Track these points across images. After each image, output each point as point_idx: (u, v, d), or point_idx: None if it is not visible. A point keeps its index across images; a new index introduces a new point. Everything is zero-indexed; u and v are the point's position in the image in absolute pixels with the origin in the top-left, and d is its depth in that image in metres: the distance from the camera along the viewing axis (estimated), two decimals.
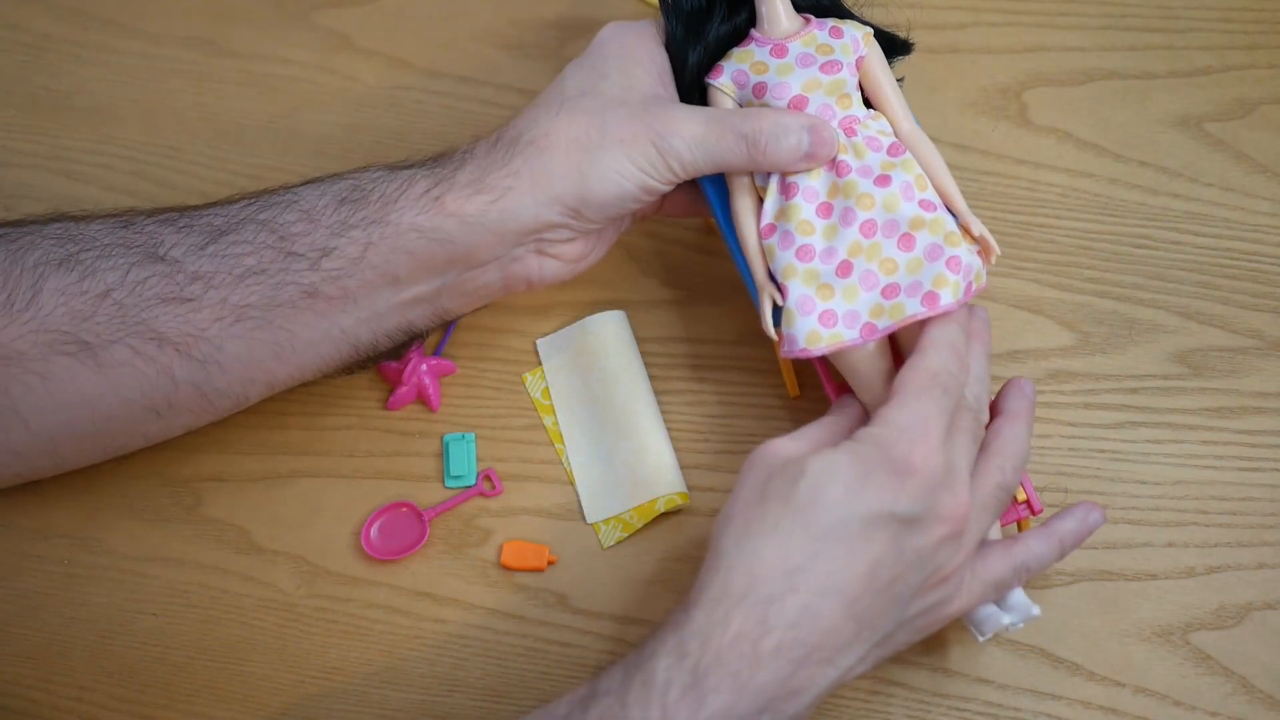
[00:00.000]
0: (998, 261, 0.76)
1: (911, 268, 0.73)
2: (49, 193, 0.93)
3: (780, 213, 0.75)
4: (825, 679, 0.67)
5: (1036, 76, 0.92)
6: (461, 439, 0.84)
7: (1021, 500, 0.75)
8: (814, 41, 0.77)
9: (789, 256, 0.74)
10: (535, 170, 0.74)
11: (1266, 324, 0.84)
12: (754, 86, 0.76)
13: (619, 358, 0.85)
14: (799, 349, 0.73)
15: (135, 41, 0.97)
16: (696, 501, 0.82)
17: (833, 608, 0.66)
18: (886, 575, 0.67)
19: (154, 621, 0.81)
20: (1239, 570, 0.78)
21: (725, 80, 0.77)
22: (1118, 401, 0.83)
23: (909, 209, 0.73)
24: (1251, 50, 0.92)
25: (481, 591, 0.81)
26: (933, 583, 0.69)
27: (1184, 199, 0.88)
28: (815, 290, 0.74)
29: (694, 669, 0.64)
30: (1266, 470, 0.81)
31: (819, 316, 0.73)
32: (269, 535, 0.82)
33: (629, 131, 0.73)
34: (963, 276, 0.73)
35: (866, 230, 0.74)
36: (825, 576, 0.66)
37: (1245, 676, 0.76)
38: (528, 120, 0.75)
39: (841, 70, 0.75)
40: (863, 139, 0.75)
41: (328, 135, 0.93)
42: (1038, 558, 0.72)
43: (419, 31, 0.96)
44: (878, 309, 0.73)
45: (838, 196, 0.74)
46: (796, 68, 0.76)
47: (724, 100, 0.77)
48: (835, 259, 0.74)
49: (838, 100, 0.75)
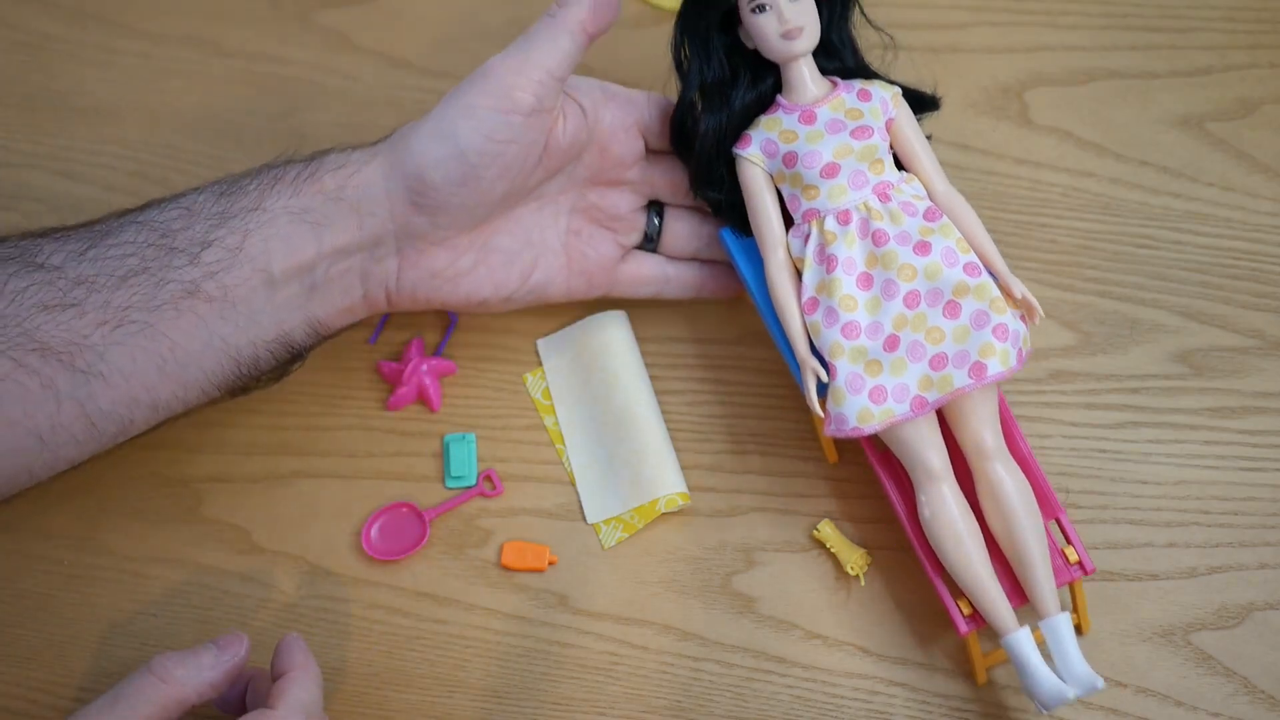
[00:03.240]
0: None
1: (958, 336, 0.72)
2: (49, 193, 0.93)
3: (821, 286, 0.74)
4: None
5: (1037, 76, 0.92)
6: (462, 439, 0.84)
7: (1074, 561, 0.74)
8: (843, 106, 0.76)
9: (834, 334, 0.73)
10: (393, 147, 0.76)
11: (1268, 324, 0.84)
12: (784, 156, 0.75)
13: (619, 358, 0.84)
14: (850, 428, 0.73)
15: (135, 41, 0.97)
16: (697, 502, 0.82)
17: None
18: None
19: (154, 622, 0.81)
20: (1241, 570, 0.78)
21: (754, 150, 0.76)
22: (1119, 401, 0.83)
23: (952, 275, 0.73)
24: (1253, 50, 0.91)
25: (482, 592, 0.81)
26: None
27: (1185, 199, 0.88)
28: (863, 367, 0.73)
29: None
30: (1268, 470, 0.81)
31: (869, 393, 0.73)
32: (269, 535, 0.82)
33: (474, 91, 0.75)
34: (1011, 343, 0.72)
35: (910, 301, 0.73)
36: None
37: (1247, 677, 0.76)
38: None
39: (873, 135, 0.75)
40: (898, 204, 0.74)
41: (327, 135, 0.93)
42: None
43: (419, 31, 0.96)
44: (926, 381, 0.72)
45: (877, 267, 0.74)
46: (826, 134, 0.75)
47: (754, 171, 0.76)
48: (881, 334, 0.73)
49: (870, 166, 0.75)
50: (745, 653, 0.78)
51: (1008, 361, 0.72)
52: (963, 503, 0.73)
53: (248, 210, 0.75)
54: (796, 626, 0.79)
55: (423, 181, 0.75)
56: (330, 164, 0.76)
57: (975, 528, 0.73)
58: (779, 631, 0.79)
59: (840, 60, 0.79)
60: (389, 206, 0.76)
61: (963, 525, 0.73)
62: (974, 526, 0.73)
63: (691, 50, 0.77)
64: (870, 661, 0.78)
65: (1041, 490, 0.75)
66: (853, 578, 0.79)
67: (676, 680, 0.78)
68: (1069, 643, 0.71)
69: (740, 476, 0.82)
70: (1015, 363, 0.73)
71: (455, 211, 0.77)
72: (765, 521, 0.81)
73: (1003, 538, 0.73)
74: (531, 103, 0.75)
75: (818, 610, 0.79)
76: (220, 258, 0.74)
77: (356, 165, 0.76)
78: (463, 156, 0.75)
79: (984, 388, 0.73)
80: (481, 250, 0.79)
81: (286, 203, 0.75)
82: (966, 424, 0.74)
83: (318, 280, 0.76)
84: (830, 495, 0.81)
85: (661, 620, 0.79)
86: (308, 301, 0.77)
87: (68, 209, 0.92)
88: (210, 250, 0.74)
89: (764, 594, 0.79)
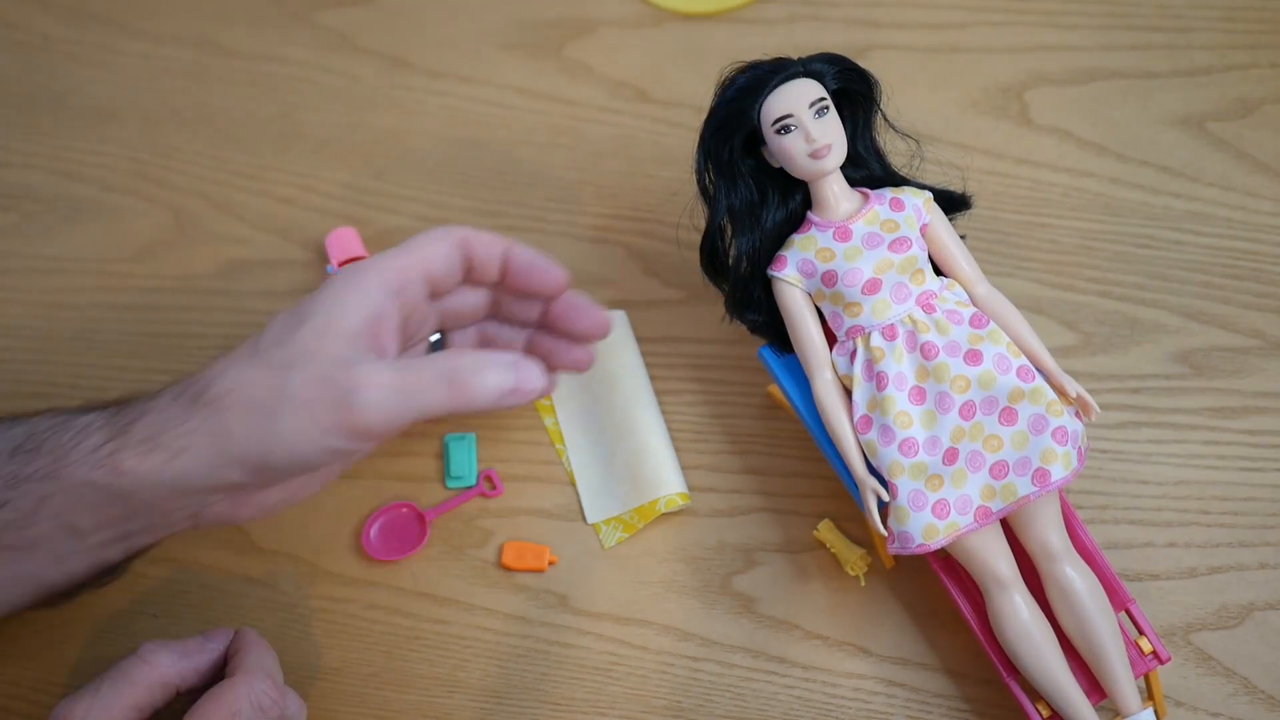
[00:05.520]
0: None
1: (1017, 443, 0.72)
2: (49, 193, 0.93)
3: (873, 404, 0.73)
4: None
5: (1038, 76, 0.92)
6: (462, 439, 0.84)
7: (1148, 652, 0.73)
8: (877, 219, 0.74)
9: (893, 453, 0.72)
10: (213, 430, 0.67)
11: (1268, 324, 0.84)
12: (823, 275, 0.73)
13: (619, 358, 0.84)
14: (915, 545, 0.72)
15: (135, 41, 0.97)
16: (697, 502, 0.82)
17: None
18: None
19: (154, 622, 0.81)
20: (1241, 570, 0.78)
21: (791, 271, 0.74)
22: (1119, 401, 0.83)
23: (1006, 382, 0.72)
24: (1253, 49, 0.91)
25: (482, 592, 0.81)
26: None
27: (1185, 199, 0.88)
28: (924, 483, 0.72)
29: None
30: (1268, 470, 0.81)
31: (932, 509, 0.72)
32: (269, 535, 0.82)
33: (312, 392, 0.67)
34: (1071, 444, 0.72)
35: (966, 412, 0.72)
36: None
37: (1247, 677, 0.76)
38: (216, 371, 0.69)
39: (911, 246, 0.73)
40: (943, 314, 0.73)
41: (328, 135, 0.93)
42: None
43: (419, 31, 0.96)
44: (989, 490, 0.72)
45: (928, 380, 0.72)
46: (865, 250, 0.73)
47: (792, 292, 0.74)
48: (939, 448, 0.72)
49: (911, 277, 0.73)
50: (745, 653, 0.78)
51: (1069, 464, 0.71)
52: (1035, 608, 0.72)
53: (42, 475, 0.69)
54: (796, 626, 0.79)
55: (267, 468, 0.68)
56: (138, 439, 0.68)
57: (1049, 631, 0.72)
58: (779, 631, 0.79)
59: (868, 169, 0.77)
60: (215, 481, 0.68)
61: (1038, 632, 0.72)
62: (1048, 630, 0.72)
63: (717, 176, 0.75)
64: (870, 661, 0.78)
65: (1110, 584, 0.74)
66: (853, 578, 0.79)
67: (676, 680, 0.78)
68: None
69: (740, 476, 0.82)
70: (1077, 463, 0.72)
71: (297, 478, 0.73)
72: (765, 521, 0.81)
73: (1077, 638, 0.72)
74: None
75: (818, 610, 0.79)
76: (16, 517, 0.69)
77: (173, 448, 0.68)
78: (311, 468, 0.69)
79: (1049, 502, 0.72)
80: None
81: (87, 475, 0.68)
82: (1031, 528, 0.73)
83: (135, 531, 0.71)
84: (830, 495, 0.81)
85: (661, 620, 0.79)
86: (125, 539, 0.71)
87: (68, 209, 0.92)
88: (4, 510, 0.69)
89: (764, 594, 0.79)
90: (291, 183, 0.92)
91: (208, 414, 0.68)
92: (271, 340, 0.69)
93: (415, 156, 0.92)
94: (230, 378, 0.68)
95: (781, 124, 0.72)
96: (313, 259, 0.90)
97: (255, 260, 0.90)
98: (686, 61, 0.94)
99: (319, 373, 0.67)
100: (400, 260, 0.72)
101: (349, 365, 0.67)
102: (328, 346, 0.68)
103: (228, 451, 0.67)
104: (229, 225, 0.91)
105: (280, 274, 0.89)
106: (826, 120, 0.72)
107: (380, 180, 0.92)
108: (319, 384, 0.67)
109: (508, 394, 0.68)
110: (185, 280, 0.90)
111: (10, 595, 0.72)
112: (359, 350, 0.69)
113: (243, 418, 0.67)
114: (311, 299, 0.70)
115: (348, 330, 0.69)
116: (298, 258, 0.90)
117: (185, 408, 0.68)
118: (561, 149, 0.92)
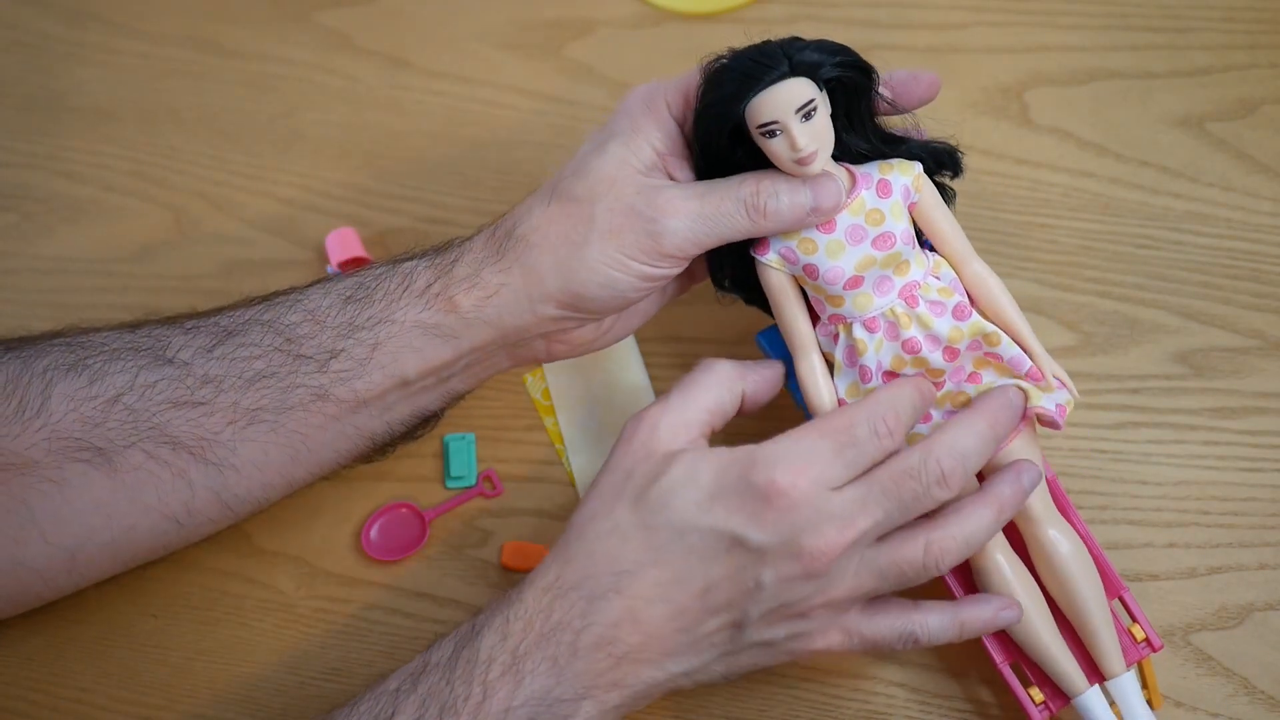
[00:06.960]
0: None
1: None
2: (49, 192, 0.93)
3: (855, 391, 0.72)
4: (650, 678, 0.67)
5: (1037, 76, 0.92)
6: (462, 439, 0.84)
7: (1141, 639, 0.74)
8: (862, 209, 0.71)
9: None
10: (526, 268, 0.71)
11: (1268, 324, 0.84)
12: (804, 267, 0.72)
13: (619, 358, 0.84)
14: None
15: (135, 41, 0.97)
16: None
17: (658, 615, 0.66)
18: (721, 598, 0.66)
19: (154, 623, 0.81)
20: (1240, 571, 0.78)
21: (772, 256, 0.72)
22: (1119, 402, 0.83)
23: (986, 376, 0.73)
24: (1253, 50, 0.91)
25: (482, 592, 0.80)
26: (782, 615, 0.68)
27: (1185, 199, 0.88)
28: None
29: (514, 650, 0.66)
30: (1268, 471, 0.81)
31: None
32: (269, 536, 0.82)
33: (618, 221, 0.70)
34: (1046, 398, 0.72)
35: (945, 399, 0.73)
36: (654, 586, 0.66)
37: (1247, 677, 0.76)
38: (523, 211, 0.72)
39: (895, 244, 0.71)
40: (925, 307, 0.71)
41: (328, 135, 0.93)
42: (930, 633, 0.70)
43: (419, 31, 0.96)
44: None
45: (907, 369, 0.72)
46: (847, 245, 0.71)
47: (776, 276, 0.73)
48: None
49: (895, 269, 0.72)
50: None
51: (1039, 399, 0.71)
52: (1020, 569, 0.73)
53: (376, 321, 0.72)
54: None
55: (581, 299, 0.71)
56: (461, 276, 0.72)
57: (1036, 592, 0.72)
58: None
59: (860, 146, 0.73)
60: (533, 318, 0.72)
61: (1020, 589, 0.72)
62: (1033, 590, 0.72)
63: (706, 163, 0.73)
64: (870, 662, 0.77)
65: (1104, 570, 0.74)
66: None
67: None
68: (1136, 700, 0.72)
69: None
70: (1051, 406, 0.71)
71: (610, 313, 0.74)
72: None
73: (1062, 601, 0.72)
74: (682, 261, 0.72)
75: None
76: (349, 366, 0.72)
77: (492, 285, 0.71)
78: (623, 297, 0.72)
79: (1024, 442, 0.72)
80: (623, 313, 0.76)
81: (417, 316, 0.72)
82: None
83: (456, 372, 0.74)
84: None
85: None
86: (446, 384, 0.75)
87: (67, 209, 0.92)
88: (338, 359, 0.72)
89: None
90: (291, 183, 0.92)
91: (521, 250, 0.71)
92: (572, 171, 0.72)
93: (415, 156, 0.93)
94: (536, 216, 0.71)
95: (766, 129, 0.69)
96: (313, 259, 0.90)
97: (255, 260, 0.90)
98: (686, 61, 0.92)
99: (623, 201, 0.70)
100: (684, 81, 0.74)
101: (652, 193, 0.70)
102: (626, 174, 0.71)
103: (541, 287, 0.71)
104: (229, 225, 0.91)
105: (280, 274, 0.89)
106: (814, 124, 0.69)
107: (380, 180, 0.92)
108: (625, 213, 0.70)
109: (809, 213, 0.70)
110: (185, 280, 0.90)
111: (339, 447, 0.74)
112: (658, 177, 0.72)
113: (553, 252, 0.71)
114: (607, 126, 0.73)
115: (646, 152, 0.72)
116: (298, 258, 0.90)
117: (499, 245, 0.72)
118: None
